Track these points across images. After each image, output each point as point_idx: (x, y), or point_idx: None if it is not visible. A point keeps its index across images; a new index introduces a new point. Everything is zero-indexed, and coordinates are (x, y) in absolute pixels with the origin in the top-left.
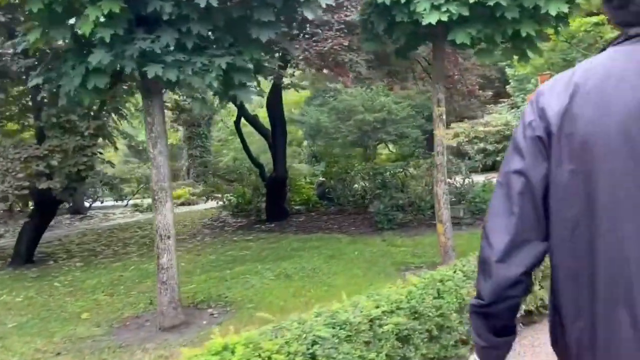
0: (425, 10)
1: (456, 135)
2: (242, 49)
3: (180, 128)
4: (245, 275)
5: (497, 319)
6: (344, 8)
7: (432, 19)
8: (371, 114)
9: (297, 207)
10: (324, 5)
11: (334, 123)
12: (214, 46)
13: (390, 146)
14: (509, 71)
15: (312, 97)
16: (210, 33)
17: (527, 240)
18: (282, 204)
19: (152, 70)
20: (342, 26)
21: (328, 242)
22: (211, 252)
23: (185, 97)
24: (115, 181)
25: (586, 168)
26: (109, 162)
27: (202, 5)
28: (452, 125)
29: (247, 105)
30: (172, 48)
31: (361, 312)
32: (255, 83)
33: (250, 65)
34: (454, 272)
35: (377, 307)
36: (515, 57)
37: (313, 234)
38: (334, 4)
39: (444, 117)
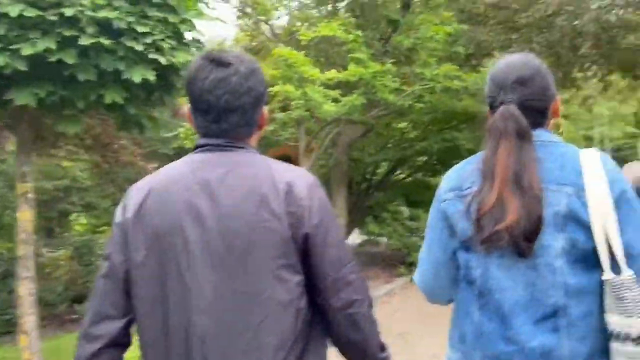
0: None
1: None
2: None
3: None
4: None
5: None
6: None
7: None
8: (50, 181)
9: None
10: None
11: (1, 191)
12: None
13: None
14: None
15: None
16: None
17: (107, 317)
18: None
19: None
20: None
21: None
22: None
23: None
24: None
25: (157, 254)
26: None
27: None
28: None
29: None
30: None
31: None
32: None
33: None
34: None
35: None
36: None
37: None
38: None
39: (31, 196)
